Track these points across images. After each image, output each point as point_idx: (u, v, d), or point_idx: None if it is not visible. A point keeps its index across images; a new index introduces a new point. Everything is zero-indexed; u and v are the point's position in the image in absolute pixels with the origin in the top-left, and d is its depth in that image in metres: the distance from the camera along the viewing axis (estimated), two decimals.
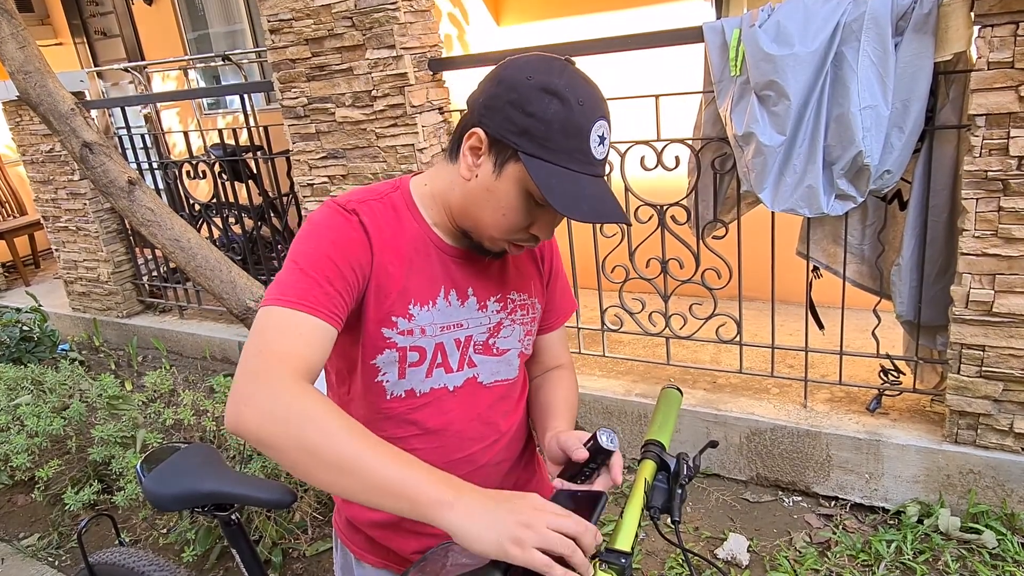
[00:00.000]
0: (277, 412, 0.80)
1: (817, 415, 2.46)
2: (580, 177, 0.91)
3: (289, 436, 0.79)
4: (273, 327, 0.88)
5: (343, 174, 3.13)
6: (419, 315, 1.02)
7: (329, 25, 2.86)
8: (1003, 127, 1.89)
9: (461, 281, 1.06)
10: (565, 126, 0.89)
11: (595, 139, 0.91)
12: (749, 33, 2.11)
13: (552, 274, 1.21)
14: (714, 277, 2.56)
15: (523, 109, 0.90)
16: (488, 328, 1.09)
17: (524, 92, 0.90)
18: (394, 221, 1.02)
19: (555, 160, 0.90)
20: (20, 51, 2.59)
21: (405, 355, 1.02)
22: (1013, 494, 2.16)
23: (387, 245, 1.00)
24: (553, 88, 0.89)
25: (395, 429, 1.08)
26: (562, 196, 0.89)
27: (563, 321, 1.26)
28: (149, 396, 2.83)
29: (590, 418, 2.85)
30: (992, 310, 2.02)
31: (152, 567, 1.58)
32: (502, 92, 0.92)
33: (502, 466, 1.15)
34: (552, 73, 0.90)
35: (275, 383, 0.82)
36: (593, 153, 0.92)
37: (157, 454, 1.45)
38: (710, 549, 2.31)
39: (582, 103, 0.90)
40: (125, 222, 4.37)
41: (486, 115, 0.93)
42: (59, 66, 5.31)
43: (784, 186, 2.18)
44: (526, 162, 0.90)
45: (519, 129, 0.90)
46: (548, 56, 0.94)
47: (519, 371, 1.16)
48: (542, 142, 0.90)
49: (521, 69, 0.92)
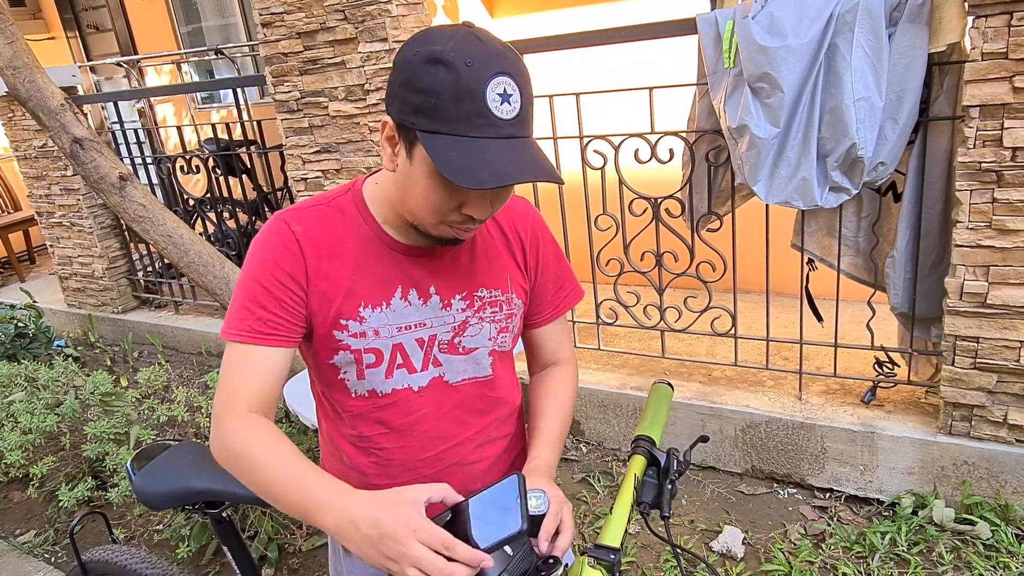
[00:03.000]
0: (225, 452, 0.96)
1: (812, 407, 2.46)
2: (482, 143, 0.84)
3: (236, 471, 0.95)
4: (227, 367, 0.99)
5: (336, 168, 3.12)
6: (370, 317, 1.01)
7: (321, 18, 2.84)
8: (997, 118, 1.88)
9: (421, 280, 1.04)
10: (455, 92, 0.83)
11: (493, 98, 0.83)
12: (743, 25, 2.09)
13: (539, 265, 1.15)
14: (709, 270, 2.55)
15: (413, 86, 0.85)
16: (453, 327, 1.06)
17: (412, 68, 0.85)
18: (339, 224, 1.01)
19: (452, 131, 0.84)
20: (8, 46, 2.56)
21: (360, 357, 1.02)
22: (1007, 485, 2.16)
23: (326, 250, 0.99)
24: (437, 56, 0.83)
25: (364, 427, 1.08)
26: (458, 168, 0.83)
27: (559, 313, 1.20)
28: (143, 392, 2.83)
29: (586, 411, 2.85)
30: (986, 302, 2.02)
31: (144, 565, 1.58)
32: (396, 75, 0.88)
33: (479, 465, 1.14)
34: (438, 42, 0.84)
35: (225, 426, 0.95)
36: (495, 113, 0.84)
37: (147, 452, 1.45)
38: (705, 541, 2.31)
39: (470, 63, 0.82)
40: (119, 217, 4.36)
41: (389, 102, 0.90)
42: (51, 61, 5.29)
43: (778, 178, 2.17)
44: (423, 139, 0.85)
45: (413, 108, 0.86)
46: (439, 27, 0.88)
47: (493, 370, 1.12)
48: (435, 114, 0.84)
49: (410, 46, 0.87)
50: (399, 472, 1.10)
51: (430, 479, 1.10)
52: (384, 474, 1.10)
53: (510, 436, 1.20)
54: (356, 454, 1.10)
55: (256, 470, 0.92)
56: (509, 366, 1.18)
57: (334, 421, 1.11)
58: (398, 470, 1.10)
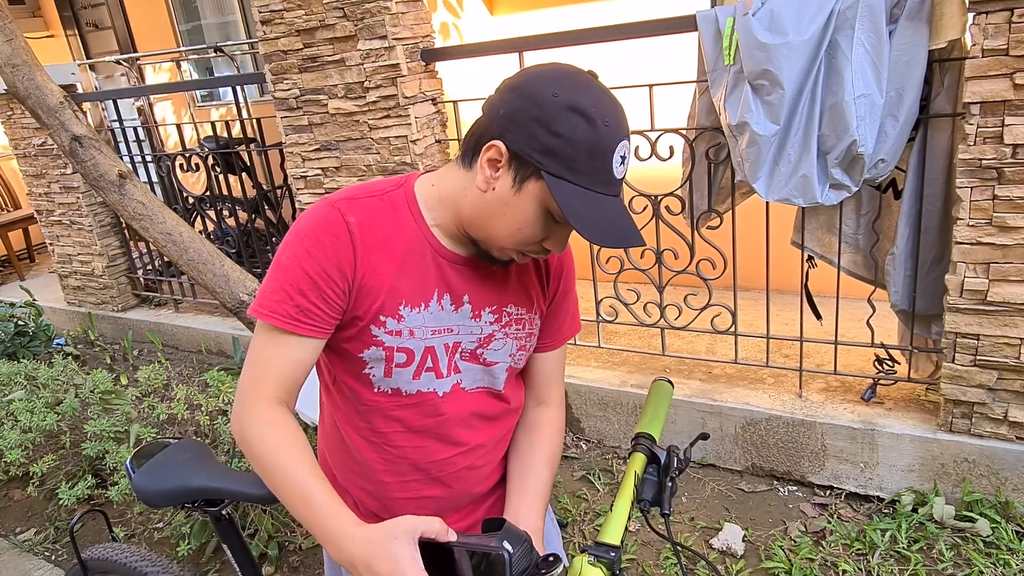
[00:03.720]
0: (241, 437, 0.97)
1: (812, 405, 2.46)
2: (602, 199, 0.90)
3: (249, 455, 0.97)
4: (257, 348, 0.99)
5: (336, 166, 3.11)
6: (409, 317, 1.01)
7: (320, 16, 2.83)
8: (997, 115, 1.87)
9: (457, 287, 1.04)
10: (591, 148, 0.87)
11: (617, 160, 0.89)
12: (743, 22, 2.09)
13: (559, 293, 1.17)
14: (709, 267, 2.55)
15: (548, 128, 0.87)
16: (479, 338, 1.07)
17: (550, 110, 0.87)
18: (390, 219, 1.01)
19: (579, 181, 0.88)
20: (7, 44, 2.56)
21: (392, 355, 1.01)
22: (1007, 482, 2.16)
23: (377, 244, 0.98)
24: (580, 107, 0.86)
25: (380, 423, 1.07)
26: (587, 220, 0.88)
27: (559, 344, 1.20)
28: (143, 391, 2.83)
29: (586, 409, 2.85)
30: (987, 299, 2.02)
31: (144, 562, 1.58)
32: (526, 107, 0.88)
33: (483, 470, 1.14)
34: (578, 91, 0.88)
35: (248, 408, 0.97)
36: (614, 173, 0.90)
37: (147, 449, 1.45)
38: (706, 539, 2.31)
39: (607, 124, 0.87)
40: (119, 216, 4.35)
41: (509, 129, 0.89)
42: (50, 59, 5.28)
43: (778, 176, 2.17)
44: (550, 183, 0.88)
45: (543, 148, 0.88)
46: (573, 70, 0.91)
47: (505, 385, 1.12)
48: (567, 163, 0.87)
49: (547, 84, 0.89)
50: (407, 471, 1.10)
51: (438, 481, 1.11)
52: (391, 471, 1.10)
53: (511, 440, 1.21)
54: (365, 448, 1.09)
55: (265, 468, 0.95)
56: (517, 378, 1.18)
57: (346, 413, 1.10)
58: (407, 469, 1.10)
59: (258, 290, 0.99)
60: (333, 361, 1.07)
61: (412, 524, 0.83)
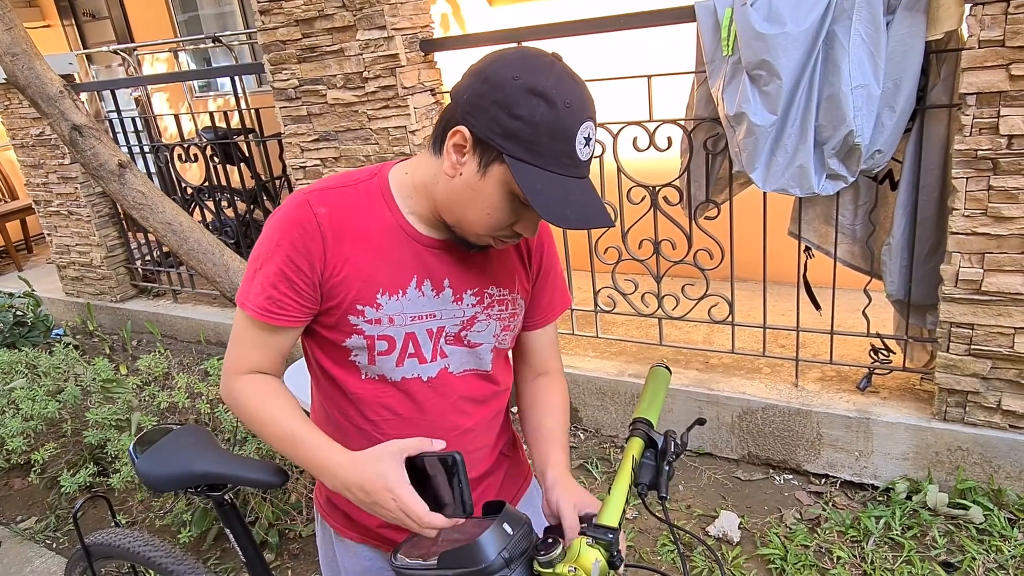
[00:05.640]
0: (230, 400, 1.08)
1: (808, 394, 2.48)
2: (566, 180, 0.90)
3: (239, 414, 1.07)
4: (237, 334, 1.07)
5: (335, 156, 3.12)
6: (387, 304, 1.02)
7: (319, 6, 2.83)
8: (993, 106, 1.89)
9: (437, 272, 1.05)
10: (552, 130, 0.87)
11: (580, 141, 0.90)
12: (741, 12, 2.10)
13: (542, 270, 1.18)
14: (706, 258, 2.57)
15: (509, 111, 0.87)
16: (462, 321, 1.08)
17: (510, 93, 0.87)
18: (364, 209, 1.02)
19: (541, 164, 0.89)
20: (7, 33, 2.55)
21: (373, 343, 1.03)
22: (1000, 470, 2.19)
23: (349, 233, 1.00)
24: (540, 90, 0.87)
25: (370, 412, 1.08)
26: (548, 202, 0.89)
27: (551, 319, 1.22)
28: (143, 379, 2.84)
29: (584, 399, 2.87)
30: (981, 289, 2.04)
31: (147, 547, 1.59)
32: (487, 91, 0.89)
33: (475, 455, 1.15)
34: (539, 73, 0.88)
35: (232, 378, 1.07)
36: (579, 155, 0.90)
37: (150, 435, 1.46)
38: (702, 526, 2.34)
39: (568, 105, 0.87)
40: (117, 206, 4.35)
41: (471, 113, 0.90)
42: (47, 48, 5.26)
43: (775, 166, 2.18)
44: (512, 166, 0.89)
45: (505, 131, 0.88)
46: (535, 53, 0.91)
47: (492, 365, 1.14)
48: (528, 145, 0.88)
49: (508, 67, 0.89)
50: None
51: None
52: None
53: (501, 423, 1.22)
54: (357, 436, 1.11)
55: (254, 420, 1.04)
56: (505, 359, 1.20)
57: (336, 401, 1.11)
58: None
59: (243, 279, 1.04)
60: (320, 350, 1.08)
61: (398, 446, 0.92)
